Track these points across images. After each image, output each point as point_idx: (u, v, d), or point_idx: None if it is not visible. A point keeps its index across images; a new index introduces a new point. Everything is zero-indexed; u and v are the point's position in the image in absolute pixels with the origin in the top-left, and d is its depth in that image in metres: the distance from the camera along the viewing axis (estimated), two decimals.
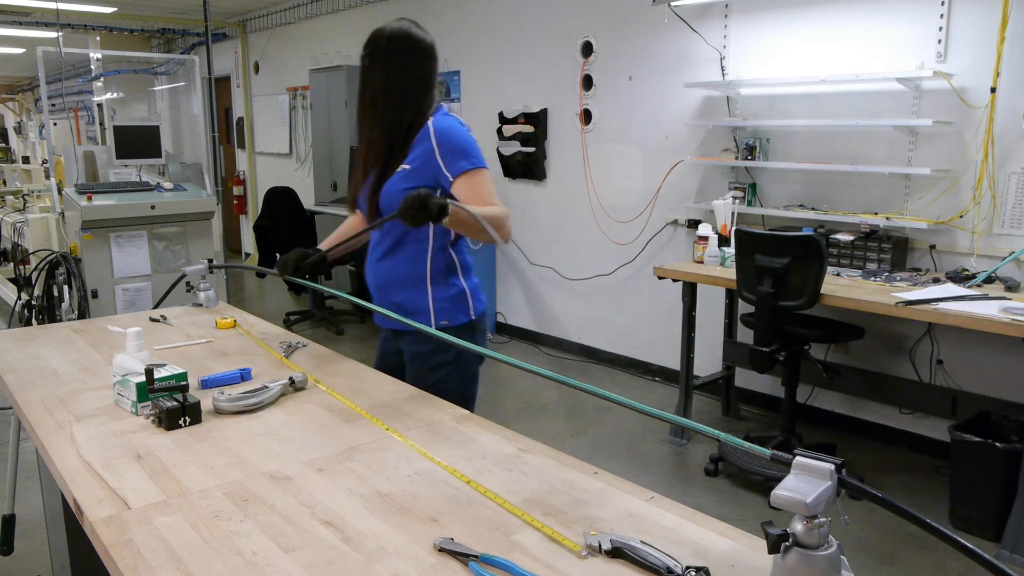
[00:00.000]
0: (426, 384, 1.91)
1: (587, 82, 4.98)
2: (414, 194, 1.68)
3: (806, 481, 0.90)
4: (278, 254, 6.14)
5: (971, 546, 0.86)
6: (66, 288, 4.31)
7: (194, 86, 6.82)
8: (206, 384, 1.74)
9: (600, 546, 1.06)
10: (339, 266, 5.34)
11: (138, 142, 5.26)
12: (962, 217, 3.39)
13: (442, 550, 1.07)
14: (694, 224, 4.28)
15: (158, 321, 2.35)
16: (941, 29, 3.36)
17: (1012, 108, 3.21)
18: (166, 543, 1.09)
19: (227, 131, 9.45)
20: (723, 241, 3.74)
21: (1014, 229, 3.25)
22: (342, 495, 1.24)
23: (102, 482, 1.28)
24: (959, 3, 3.31)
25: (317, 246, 2.21)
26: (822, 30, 3.78)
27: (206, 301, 2.53)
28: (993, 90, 3.22)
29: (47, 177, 6.80)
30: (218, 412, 1.59)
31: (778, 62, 3.97)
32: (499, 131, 5.56)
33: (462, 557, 1.05)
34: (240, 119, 9.16)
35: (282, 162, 8.46)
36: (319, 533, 1.13)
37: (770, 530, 0.91)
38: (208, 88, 6.26)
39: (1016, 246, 3.24)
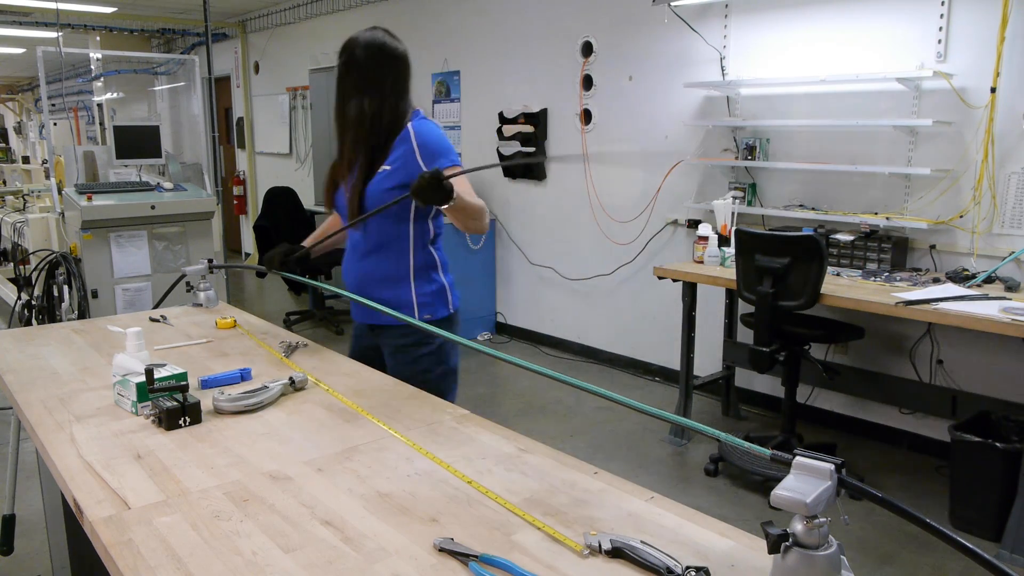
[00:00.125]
0: (408, 375, 1.98)
1: (587, 82, 4.98)
2: (429, 172, 1.74)
3: (806, 481, 0.90)
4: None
5: (971, 546, 0.86)
6: (66, 288, 4.31)
7: (194, 86, 6.81)
8: (206, 384, 1.74)
9: (600, 546, 1.06)
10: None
11: (138, 142, 5.27)
12: (962, 217, 3.39)
13: (442, 550, 1.07)
14: (694, 224, 4.28)
15: (158, 321, 2.35)
16: (941, 29, 3.36)
17: (1012, 108, 3.21)
18: (166, 543, 1.09)
19: (227, 131, 9.45)
20: (723, 241, 3.74)
21: (1014, 229, 3.25)
22: (342, 495, 1.24)
23: (102, 482, 1.28)
24: (959, 3, 3.32)
25: (302, 243, 2.29)
26: (822, 30, 3.78)
27: (206, 301, 2.53)
28: (993, 90, 3.22)
29: (47, 177, 6.80)
30: (218, 412, 1.59)
31: (778, 62, 3.97)
32: (499, 131, 5.56)
33: (462, 557, 1.05)
34: (240, 119, 9.16)
35: (282, 162, 8.46)
36: (319, 533, 1.13)
37: (770, 530, 0.91)
38: (208, 88, 6.26)
39: (1016, 246, 3.24)
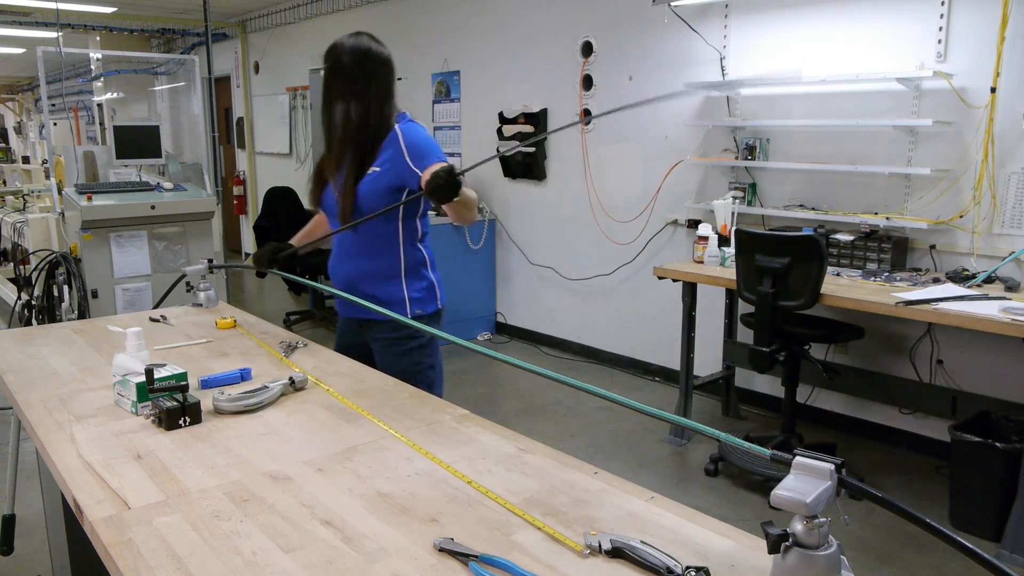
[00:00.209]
0: (400, 368, 2.08)
1: (587, 82, 4.98)
2: (443, 170, 1.77)
3: (806, 481, 0.90)
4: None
5: (971, 546, 0.86)
6: (66, 288, 4.31)
7: (194, 86, 6.81)
8: (206, 384, 1.74)
9: (600, 546, 1.06)
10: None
11: (138, 142, 5.27)
12: (962, 217, 3.39)
13: (442, 550, 1.07)
14: (694, 224, 4.28)
15: (158, 321, 2.35)
16: (941, 29, 3.36)
17: (1012, 108, 3.21)
18: (166, 543, 1.09)
19: (227, 131, 9.45)
20: (723, 241, 3.74)
21: (1014, 229, 3.25)
22: (342, 495, 1.24)
23: (102, 482, 1.28)
24: (959, 3, 3.31)
25: (289, 241, 2.39)
26: (822, 30, 3.78)
27: (206, 301, 2.53)
28: (993, 90, 3.22)
29: (47, 177, 6.79)
30: (218, 412, 1.59)
31: (778, 62, 3.97)
32: (499, 131, 5.56)
33: (462, 557, 1.05)
34: (240, 119, 9.16)
35: (282, 162, 8.46)
36: (319, 533, 1.13)
37: (770, 530, 0.91)
38: (208, 88, 6.26)
39: (1016, 246, 3.24)
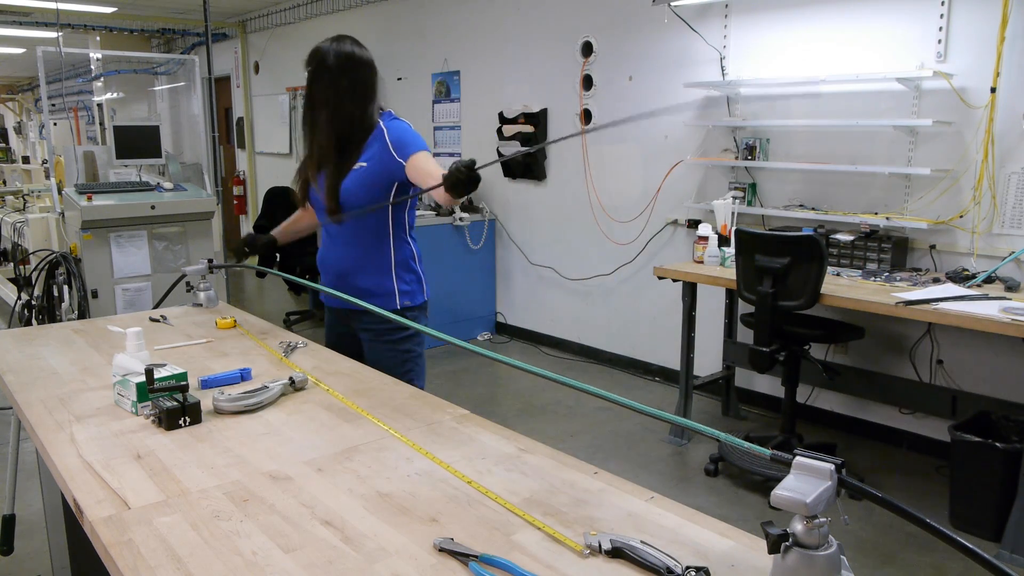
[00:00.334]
0: (390, 357, 2.21)
1: (587, 82, 4.98)
2: (464, 165, 1.80)
3: (806, 481, 0.90)
4: (278, 254, 6.12)
5: (971, 546, 0.86)
6: (66, 288, 4.31)
7: (194, 86, 6.81)
8: (206, 384, 1.74)
9: (600, 546, 1.06)
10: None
11: (138, 142, 5.26)
12: (962, 217, 3.39)
13: (442, 550, 1.07)
14: (694, 224, 4.28)
15: (158, 321, 2.35)
16: (941, 29, 3.36)
17: (1012, 108, 3.21)
18: (166, 543, 1.09)
19: (227, 131, 9.45)
20: (723, 241, 3.74)
21: (1014, 229, 3.25)
22: (342, 495, 1.24)
23: (102, 482, 1.28)
24: (959, 3, 3.31)
25: (271, 232, 2.49)
26: (822, 30, 3.78)
27: (206, 301, 2.53)
28: (993, 90, 3.22)
29: (47, 177, 6.79)
30: (218, 412, 1.59)
31: (778, 62, 3.97)
32: (499, 131, 5.56)
33: (462, 557, 1.05)
34: (240, 119, 9.16)
35: (282, 162, 8.46)
36: (319, 533, 1.13)
37: (770, 530, 0.91)
38: (208, 88, 6.26)
39: (1016, 246, 3.24)
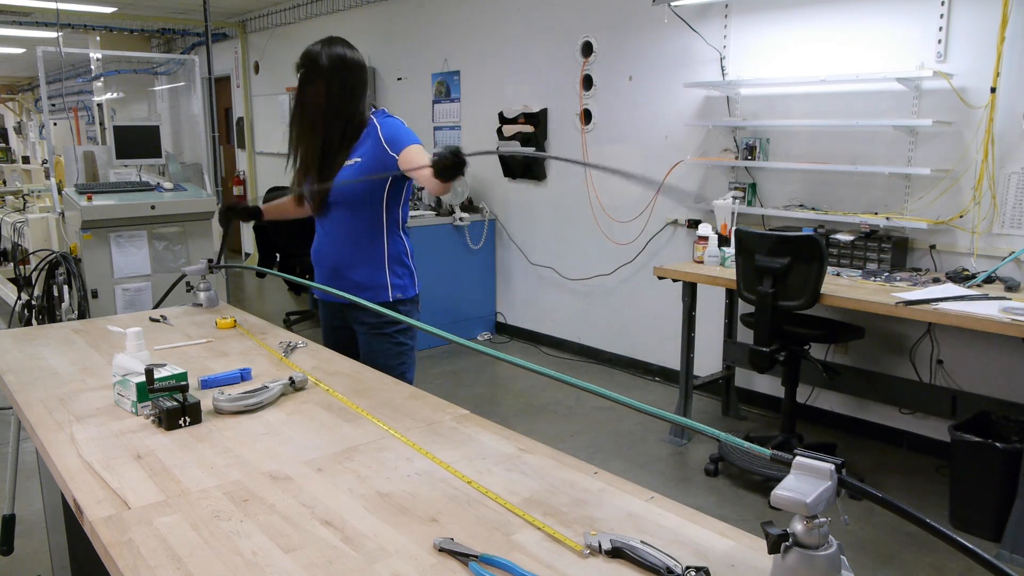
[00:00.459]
0: (385, 349, 2.30)
1: (587, 82, 4.98)
2: (450, 151, 1.83)
3: (806, 481, 0.90)
4: (278, 254, 6.13)
5: (971, 546, 0.86)
6: (66, 288, 4.31)
7: (194, 86, 6.82)
8: (206, 384, 1.74)
9: (600, 546, 1.06)
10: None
11: (138, 142, 5.26)
12: (962, 217, 3.39)
13: (442, 550, 1.07)
14: (694, 224, 4.28)
15: (158, 321, 2.35)
16: (941, 29, 3.36)
17: (1012, 108, 3.20)
18: (166, 543, 1.09)
19: (227, 131, 9.45)
20: (723, 241, 3.74)
21: (1014, 229, 3.25)
22: (342, 495, 1.24)
23: (102, 482, 1.28)
24: (959, 3, 3.31)
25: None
26: (822, 30, 3.78)
27: (206, 301, 2.53)
28: (993, 90, 3.22)
29: (47, 177, 6.79)
30: (218, 412, 1.59)
31: (778, 62, 3.97)
32: (499, 131, 5.55)
33: (462, 557, 1.05)
34: (240, 119, 9.15)
35: (282, 162, 8.41)
36: (319, 533, 1.13)
37: (770, 530, 0.91)
38: (208, 88, 6.26)
39: (1016, 246, 3.24)
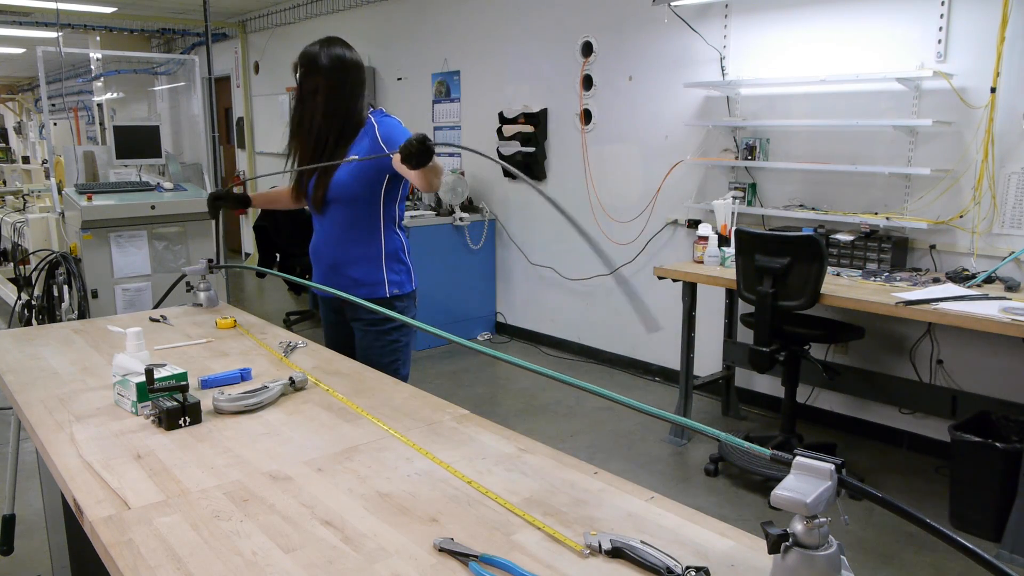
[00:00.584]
0: (381, 345, 2.35)
1: (587, 82, 4.98)
2: (416, 137, 1.83)
3: (806, 481, 0.90)
4: (278, 254, 6.13)
5: (971, 546, 0.86)
6: (66, 288, 4.31)
7: (194, 86, 6.82)
8: (206, 384, 1.74)
9: (600, 546, 1.06)
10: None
11: (138, 142, 5.26)
12: (962, 217, 3.39)
13: (442, 550, 1.07)
14: (694, 224, 4.28)
15: (158, 321, 2.35)
16: (941, 29, 3.36)
17: (1012, 108, 3.20)
18: (166, 543, 1.09)
19: (227, 131, 9.45)
20: (723, 241, 3.74)
21: (1014, 229, 3.25)
22: (342, 495, 1.24)
23: (102, 482, 1.28)
24: (959, 3, 3.31)
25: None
26: (822, 30, 3.78)
27: (206, 301, 2.53)
28: (993, 90, 3.22)
29: (47, 177, 6.79)
30: (218, 412, 1.59)
31: (778, 62, 3.97)
32: (499, 131, 5.55)
33: (462, 557, 1.05)
34: (240, 119, 9.15)
35: (282, 162, 8.42)
36: (319, 533, 1.13)
37: (770, 530, 0.91)
38: (208, 88, 6.26)
39: (1016, 246, 3.24)
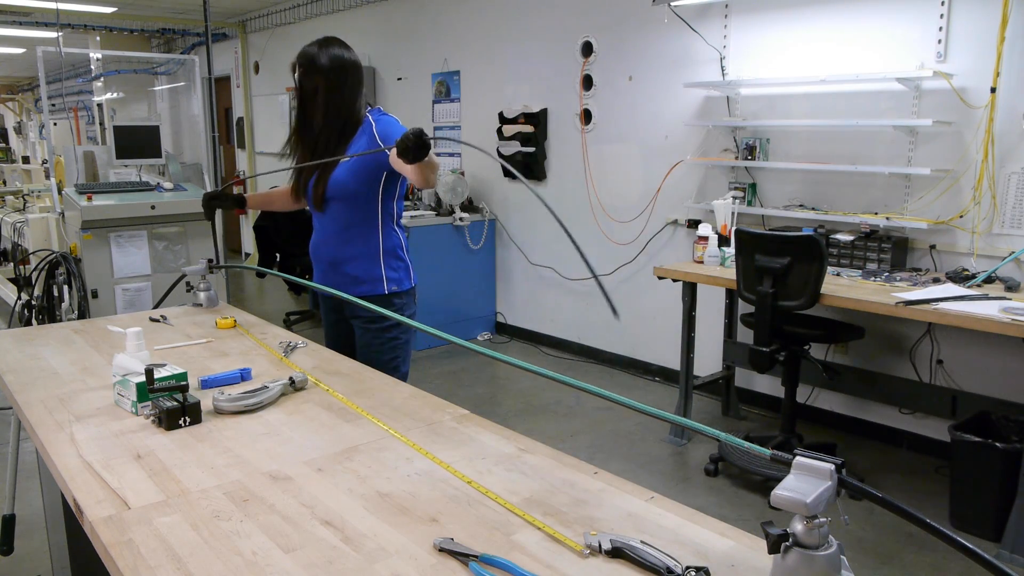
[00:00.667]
0: (380, 342, 2.36)
1: (587, 82, 4.98)
2: (412, 132, 1.84)
3: (806, 481, 0.90)
4: (278, 254, 6.13)
5: (971, 546, 0.86)
6: (66, 288, 4.31)
7: (194, 86, 6.82)
8: (206, 384, 1.74)
9: (600, 546, 1.06)
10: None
11: (138, 142, 5.27)
12: (962, 217, 3.39)
13: (442, 550, 1.07)
14: (694, 224, 4.28)
15: (158, 321, 2.35)
16: (941, 29, 3.36)
17: (1012, 108, 3.20)
18: (166, 543, 1.09)
19: (227, 131, 9.45)
20: (723, 241, 3.74)
21: (1014, 229, 3.25)
22: (342, 495, 1.24)
23: (102, 482, 1.28)
24: (959, 3, 3.31)
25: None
26: (822, 30, 3.78)
27: (206, 301, 2.53)
28: (993, 90, 3.22)
29: (47, 177, 6.79)
30: (218, 412, 1.59)
31: (778, 62, 3.97)
32: (499, 131, 5.55)
33: (462, 557, 1.05)
34: (240, 119, 9.15)
35: (282, 162, 8.45)
36: (319, 533, 1.13)
37: (770, 530, 0.91)
38: (208, 88, 6.26)
39: (1016, 246, 3.24)
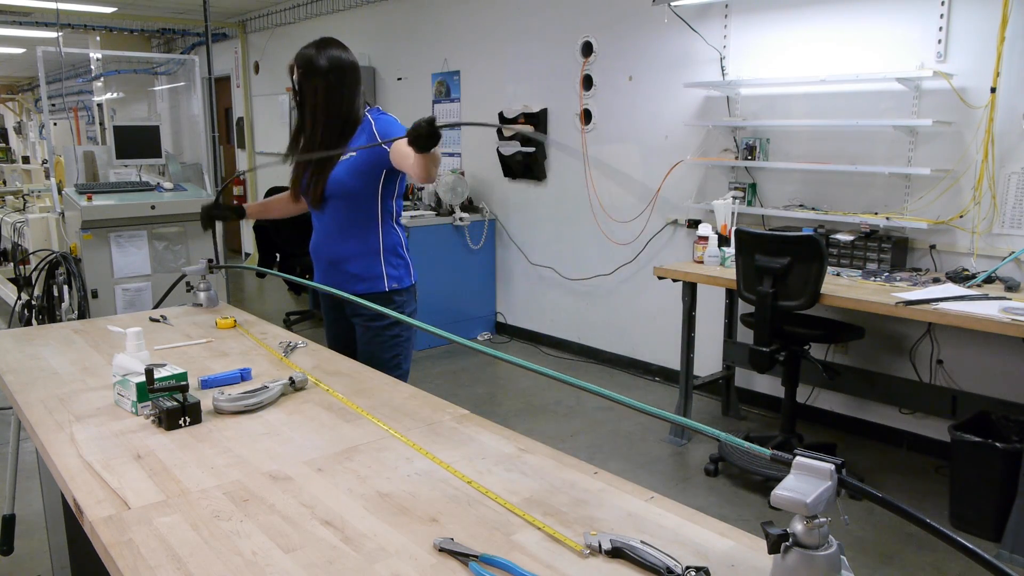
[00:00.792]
0: (381, 340, 2.38)
1: (587, 82, 4.98)
2: (425, 120, 1.83)
3: (806, 481, 0.90)
4: (278, 254, 6.14)
5: (971, 546, 0.86)
6: (66, 288, 4.31)
7: (194, 86, 6.82)
8: (206, 384, 1.74)
9: (600, 546, 1.06)
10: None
11: (138, 142, 5.26)
12: (962, 217, 3.39)
13: (442, 550, 1.07)
14: (694, 224, 4.28)
15: (158, 321, 2.35)
16: (941, 29, 3.36)
17: (1012, 108, 3.20)
18: (166, 543, 1.09)
19: (227, 131, 9.45)
20: (723, 241, 3.74)
21: (1014, 229, 3.25)
22: (342, 495, 1.24)
23: (102, 482, 1.28)
24: (959, 3, 3.31)
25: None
26: (822, 30, 3.78)
27: (206, 301, 2.53)
28: (993, 90, 3.22)
29: (47, 177, 6.80)
30: (218, 412, 1.59)
31: (778, 62, 3.97)
32: (499, 131, 5.56)
33: (462, 557, 1.05)
34: (240, 119, 9.15)
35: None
36: (319, 533, 1.13)
37: (770, 530, 0.91)
38: (208, 88, 6.26)
39: (1016, 246, 3.24)
